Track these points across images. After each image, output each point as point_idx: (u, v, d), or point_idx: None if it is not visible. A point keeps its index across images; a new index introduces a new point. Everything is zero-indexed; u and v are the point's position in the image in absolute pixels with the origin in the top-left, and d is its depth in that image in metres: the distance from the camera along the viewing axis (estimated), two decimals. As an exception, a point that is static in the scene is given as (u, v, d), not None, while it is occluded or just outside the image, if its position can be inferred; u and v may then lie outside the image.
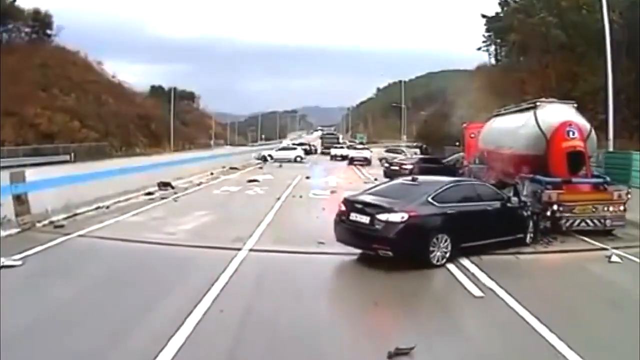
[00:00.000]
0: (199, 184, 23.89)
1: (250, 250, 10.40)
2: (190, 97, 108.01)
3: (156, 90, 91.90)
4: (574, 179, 13.60)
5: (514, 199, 11.54)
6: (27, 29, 64.66)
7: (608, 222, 12.86)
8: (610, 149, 21.71)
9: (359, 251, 10.01)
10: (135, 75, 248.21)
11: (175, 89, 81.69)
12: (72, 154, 44.70)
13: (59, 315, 6.68)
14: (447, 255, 9.47)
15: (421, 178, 10.81)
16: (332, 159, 50.70)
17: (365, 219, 9.44)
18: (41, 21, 64.79)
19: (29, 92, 49.82)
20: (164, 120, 72.82)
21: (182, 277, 8.52)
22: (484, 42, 63.18)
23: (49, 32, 65.86)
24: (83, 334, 6.08)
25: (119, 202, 16.56)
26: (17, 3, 61.23)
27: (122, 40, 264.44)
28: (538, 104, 15.09)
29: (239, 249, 10.30)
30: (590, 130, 14.57)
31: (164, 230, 12.32)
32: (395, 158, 33.15)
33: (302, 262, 9.89)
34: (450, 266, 9.38)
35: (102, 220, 13.25)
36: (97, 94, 61.81)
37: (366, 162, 43.81)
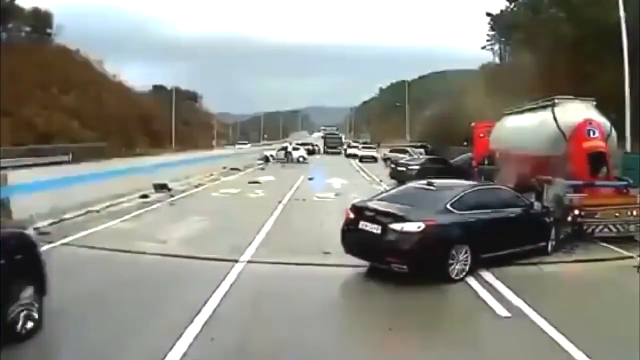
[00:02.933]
0: (197, 186, 23.02)
1: (249, 261, 9.49)
2: (193, 97, 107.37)
3: (158, 90, 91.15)
4: (597, 182, 12.74)
5: (537, 205, 10.61)
6: (27, 28, 64.06)
7: (632, 227, 12.01)
8: (628, 149, 20.79)
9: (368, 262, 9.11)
10: (137, 75, 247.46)
11: (177, 88, 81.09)
12: (71, 155, 43.87)
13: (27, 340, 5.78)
14: (467, 268, 8.54)
15: (437, 182, 9.83)
16: (347, 157, 56.37)
17: (377, 229, 8.47)
18: (41, 20, 64.16)
19: (27, 91, 49.02)
20: (165, 120, 72.09)
21: (169, 295, 7.62)
22: (488, 40, 62.49)
23: (49, 31, 65.27)
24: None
25: (111, 205, 15.67)
26: (17, 2, 60.67)
27: (125, 40, 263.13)
28: (556, 101, 14.20)
29: (235, 261, 9.39)
30: (611, 130, 13.80)
31: (155, 237, 11.39)
32: (400, 158, 32.22)
33: (306, 276, 8.91)
34: (470, 280, 8.49)
35: (90, 227, 12.32)
36: (97, 94, 60.95)
37: (373, 159, 49.57)
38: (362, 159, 50.48)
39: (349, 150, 59.95)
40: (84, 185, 16.38)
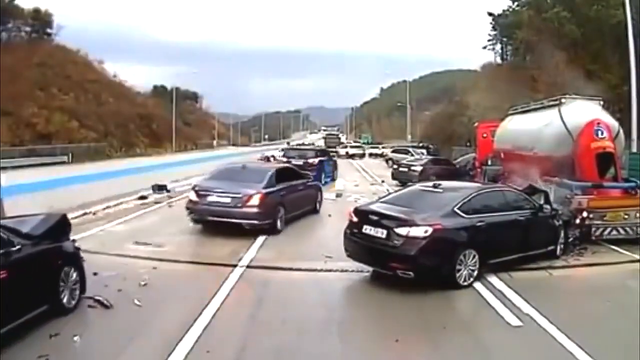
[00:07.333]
0: (197, 187, 22.64)
1: (248, 266, 9.17)
2: (194, 97, 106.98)
3: (158, 90, 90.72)
4: (606, 184, 12.44)
5: (546, 207, 10.29)
6: (27, 28, 63.77)
7: None
8: (634, 149, 20.44)
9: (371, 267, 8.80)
10: (138, 77, 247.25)
11: (177, 88, 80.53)
12: (70, 155, 43.62)
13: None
14: (475, 273, 8.24)
15: (444, 184, 9.49)
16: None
17: (382, 233, 8.15)
18: (41, 20, 63.87)
19: (27, 91, 48.64)
20: (165, 120, 71.55)
21: (164, 302, 7.31)
22: (489, 40, 62.02)
23: (49, 30, 64.94)
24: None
25: (108, 207, 15.33)
26: (17, 2, 60.35)
27: (127, 43, 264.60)
28: (563, 100, 13.88)
29: (234, 266, 9.08)
30: (619, 130, 13.47)
31: (152, 241, 11.04)
32: (403, 159, 31.89)
33: (307, 282, 8.60)
34: (479, 286, 8.19)
35: (85, 229, 11.91)
36: (97, 94, 60.51)
37: (361, 156, 56.41)
38: (352, 156, 54.97)
39: (348, 151, 59.41)
40: (81, 186, 16.08)
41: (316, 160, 23.52)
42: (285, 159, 22.58)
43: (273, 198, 12.15)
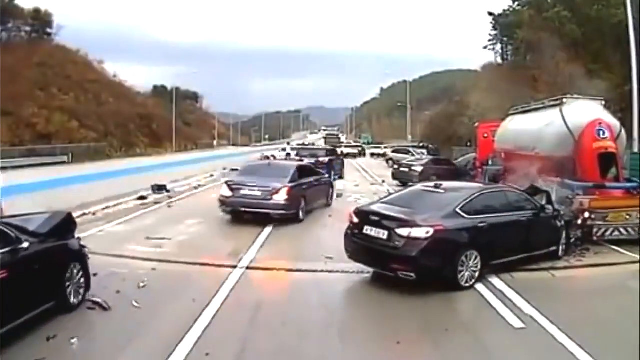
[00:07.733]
0: (196, 187, 22.60)
1: (247, 268, 9.10)
2: (194, 97, 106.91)
3: (158, 90, 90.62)
4: (608, 184, 12.38)
5: (548, 208, 10.23)
6: (27, 28, 63.74)
7: None
8: (636, 149, 20.39)
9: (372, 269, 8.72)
10: (138, 77, 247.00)
11: (177, 88, 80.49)
12: (70, 155, 43.60)
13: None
14: (477, 274, 8.17)
15: (445, 184, 9.43)
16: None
17: (383, 234, 8.08)
18: (41, 20, 63.84)
19: (27, 91, 48.63)
20: (166, 120, 71.49)
21: (163, 303, 7.25)
22: (490, 40, 61.99)
23: (49, 30, 64.91)
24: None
25: (107, 207, 15.28)
26: (17, 2, 60.31)
27: (127, 43, 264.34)
28: (564, 100, 13.83)
29: (234, 267, 9.01)
30: (620, 129, 13.42)
31: (151, 242, 10.99)
32: (403, 159, 31.87)
33: (307, 283, 8.53)
34: (480, 287, 8.13)
35: (84, 230, 11.78)
36: (97, 94, 60.48)
37: (354, 156, 58.46)
38: (347, 155, 54.77)
39: (343, 150, 59.03)
40: (81, 186, 16.02)
41: (326, 159, 24.90)
42: (298, 158, 23.71)
43: (297, 191, 13.66)
